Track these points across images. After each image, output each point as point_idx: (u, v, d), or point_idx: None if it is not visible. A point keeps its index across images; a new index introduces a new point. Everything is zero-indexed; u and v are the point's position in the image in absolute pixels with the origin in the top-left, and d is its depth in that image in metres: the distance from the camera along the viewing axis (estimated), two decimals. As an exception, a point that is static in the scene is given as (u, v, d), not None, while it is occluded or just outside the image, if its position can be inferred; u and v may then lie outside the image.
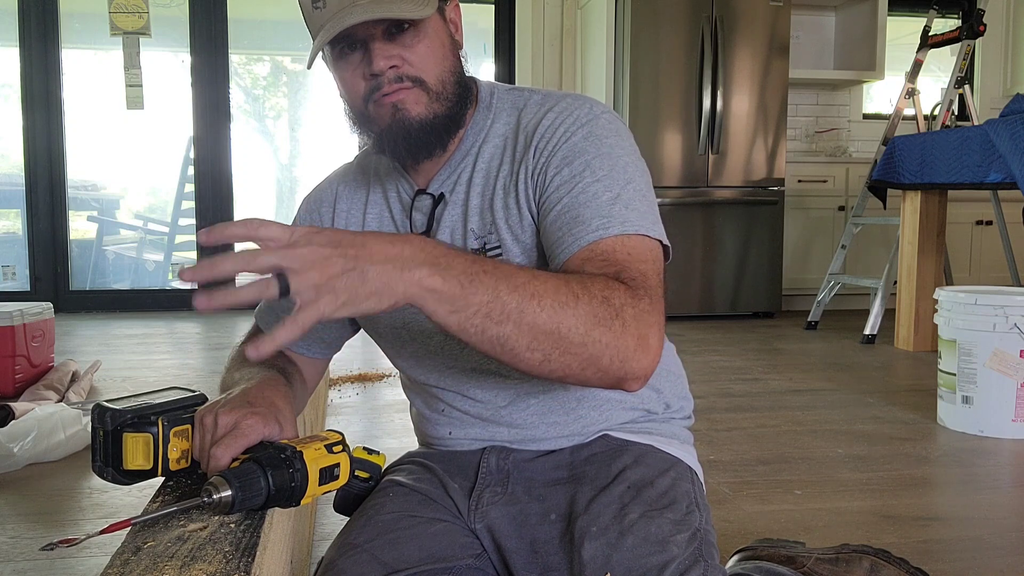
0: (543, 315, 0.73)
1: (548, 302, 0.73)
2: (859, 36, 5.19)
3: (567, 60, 5.08)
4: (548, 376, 0.77)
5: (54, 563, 1.38)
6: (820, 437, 2.21)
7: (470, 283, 0.71)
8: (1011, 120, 2.95)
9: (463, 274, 0.71)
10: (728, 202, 4.51)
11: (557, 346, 0.74)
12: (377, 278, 0.67)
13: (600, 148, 0.91)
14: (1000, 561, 1.43)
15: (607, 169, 0.89)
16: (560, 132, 0.92)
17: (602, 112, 0.95)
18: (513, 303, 0.72)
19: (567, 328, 0.74)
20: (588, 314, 0.74)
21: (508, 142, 0.98)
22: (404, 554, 0.90)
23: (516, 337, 0.73)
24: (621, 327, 0.76)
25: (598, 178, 0.88)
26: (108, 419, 0.80)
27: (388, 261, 0.68)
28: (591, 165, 0.89)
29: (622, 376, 0.78)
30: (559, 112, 0.94)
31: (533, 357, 0.74)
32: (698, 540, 0.88)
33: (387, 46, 0.89)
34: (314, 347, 1.12)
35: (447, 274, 0.70)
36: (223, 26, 4.89)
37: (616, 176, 0.89)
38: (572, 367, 0.76)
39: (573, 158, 0.90)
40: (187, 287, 5.12)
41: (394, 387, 2.78)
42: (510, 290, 0.72)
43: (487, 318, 0.71)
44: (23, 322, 2.65)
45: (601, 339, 0.75)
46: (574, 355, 0.75)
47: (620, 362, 0.76)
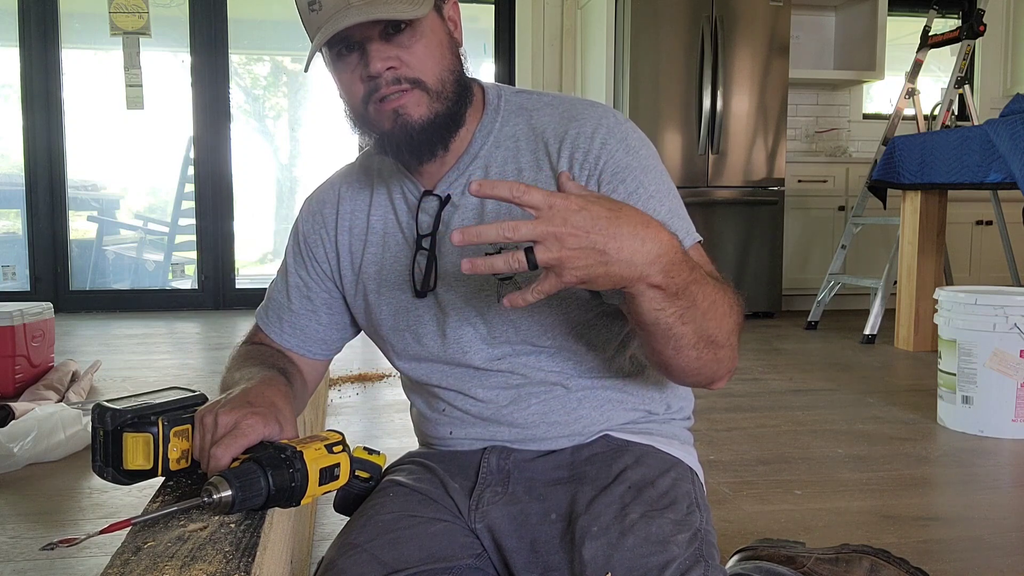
0: (713, 322, 0.82)
1: (719, 311, 0.82)
2: (859, 36, 5.19)
3: (567, 60, 5.08)
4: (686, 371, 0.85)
5: (54, 563, 1.38)
6: (820, 437, 2.21)
7: (685, 290, 0.78)
8: (1011, 120, 2.94)
9: (682, 282, 0.77)
10: (728, 202, 4.51)
11: (710, 346, 0.83)
12: (619, 272, 0.73)
13: (642, 162, 0.95)
14: (1000, 561, 1.43)
15: (655, 183, 0.95)
16: (597, 144, 0.94)
17: (624, 120, 0.99)
18: (700, 310, 0.80)
19: (720, 333, 0.83)
20: (734, 323, 0.85)
21: (522, 145, 0.97)
22: (404, 554, 0.90)
23: (688, 337, 0.81)
24: (738, 333, 0.86)
25: (651, 194, 0.94)
26: (108, 419, 0.80)
27: (634, 257, 0.73)
28: (643, 183, 0.94)
29: (724, 374, 0.88)
30: (585, 122, 0.95)
31: (690, 354, 0.83)
32: (699, 540, 0.88)
33: (384, 47, 0.89)
34: (315, 348, 1.12)
35: (672, 281, 0.76)
36: (223, 26, 4.89)
37: (664, 190, 0.95)
38: (708, 366, 0.85)
39: (624, 176, 0.94)
40: (187, 287, 5.12)
41: (394, 387, 2.78)
42: (703, 298, 0.80)
43: (679, 319, 0.79)
44: (23, 322, 2.65)
45: (733, 344, 0.86)
46: (714, 352, 0.84)
47: (731, 361, 0.87)
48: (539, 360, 0.98)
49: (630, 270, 0.73)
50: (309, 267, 1.10)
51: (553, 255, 0.70)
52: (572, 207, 0.71)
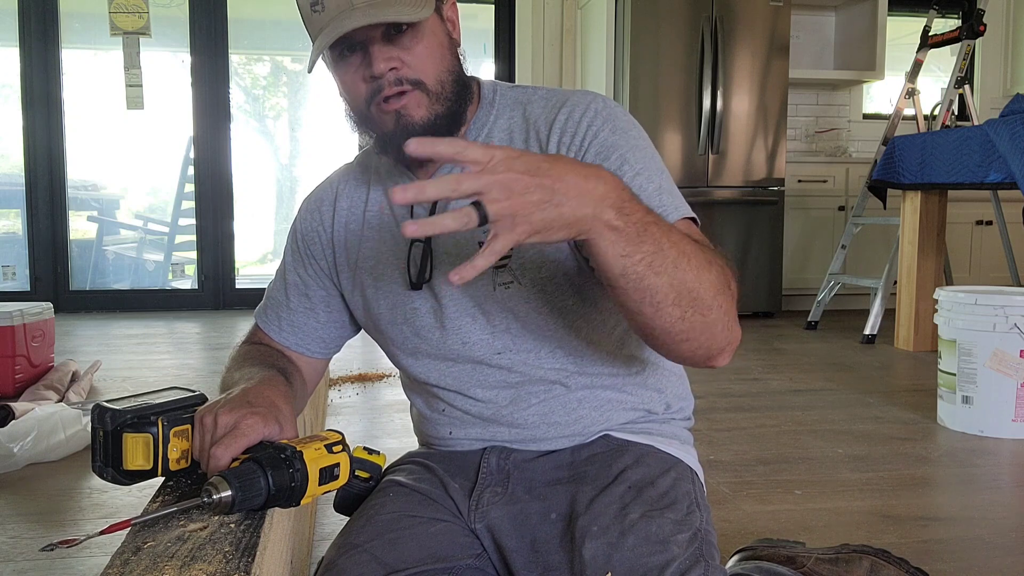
0: (690, 274, 0.77)
1: (694, 262, 0.77)
2: (859, 36, 5.19)
3: (567, 60, 5.08)
4: (674, 339, 0.81)
5: (54, 563, 1.38)
6: (820, 437, 2.21)
7: (644, 231, 0.74)
8: (1011, 120, 2.94)
9: (640, 222, 0.74)
10: (728, 202, 4.51)
11: (693, 305, 0.78)
12: (571, 212, 0.70)
13: (629, 140, 0.94)
14: (1000, 561, 1.43)
15: (642, 161, 0.93)
16: (583, 126, 0.94)
17: (614, 104, 0.98)
18: (671, 257, 0.76)
19: (703, 290, 0.78)
20: (717, 280, 0.80)
21: (515, 136, 0.98)
22: (404, 554, 0.90)
23: (665, 290, 0.76)
24: (731, 297, 0.81)
25: (637, 171, 0.91)
26: (108, 419, 0.80)
27: (583, 196, 0.70)
28: (627, 160, 0.92)
29: (724, 347, 0.84)
30: (574, 106, 0.96)
31: (673, 312, 0.78)
32: (699, 540, 0.88)
33: (386, 48, 0.89)
34: (314, 347, 1.12)
35: (628, 219, 0.73)
36: (223, 26, 4.89)
37: (652, 167, 0.93)
38: (696, 328, 0.80)
39: (608, 153, 0.92)
40: (187, 287, 5.12)
41: (394, 387, 2.78)
42: (670, 244, 0.76)
43: (648, 267, 0.75)
44: (23, 322, 2.65)
45: (723, 305, 0.80)
46: (702, 316, 0.79)
47: (727, 331, 0.82)
48: (539, 357, 0.98)
49: (581, 208, 0.70)
50: (307, 265, 1.10)
51: (502, 203, 0.68)
52: (512, 155, 0.69)
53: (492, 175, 0.68)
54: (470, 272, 0.68)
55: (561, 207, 0.69)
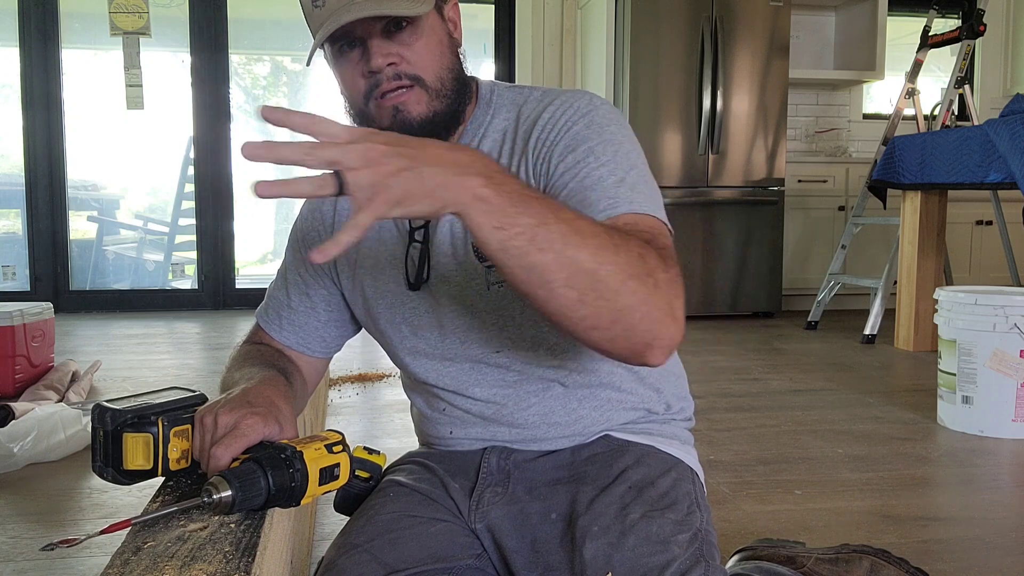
0: (585, 252, 0.71)
1: (592, 241, 0.72)
2: (859, 36, 5.19)
3: (567, 60, 5.08)
4: (578, 324, 0.75)
5: (54, 563, 1.38)
6: (820, 437, 2.21)
7: (521, 202, 0.70)
8: (1011, 120, 2.94)
9: (514, 192, 0.70)
10: (728, 202, 4.51)
11: (593, 288, 0.72)
12: (432, 178, 0.67)
13: (602, 135, 0.91)
14: (1000, 561, 1.43)
15: (610, 155, 0.90)
16: (561, 123, 0.93)
17: (601, 103, 0.96)
18: (558, 232, 0.71)
19: (605, 272, 0.72)
20: (627, 264, 0.73)
21: (507, 136, 0.98)
22: (404, 554, 0.90)
23: (555, 269, 0.71)
24: (654, 286, 0.75)
25: (602, 163, 0.89)
26: (108, 419, 0.79)
27: (445, 164, 0.68)
28: (594, 151, 0.90)
29: (650, 341, 0.76)
30: (559, 105, 0.95)
31: (568, 295, 0.72)
32: (699, 540, 0.88)
33: (385, 43, 0.89)
34: (315, 346, 1.12)
35: (499, 188, 0.69)
36: (223, 26, 4.89)
37: (619, 161, 0.89)
38: (603, 317, 0.74)
39: (576, 145, 0.91)
40: (187, 287, 5.12)
41: (394, 387, 2.78)
42: (557, 220, 0.71)
43: (531, 242, 0.70)
44: (23, 322, 2.65)
45: (636, 292, 0.74)
46: (608, 302, 0.73)
47: (650, 323, 0.75)
48: (536, 355, 0.98)
49: (443, 175, 0.67)
50: (307, 265, 1.10)
51: (360, 171, 0.65)
52: (371, 132, 0.68)
53: (352, 144, 0.66)
54: (333, 249, 0.66)
55: (422, 175, 0.67)
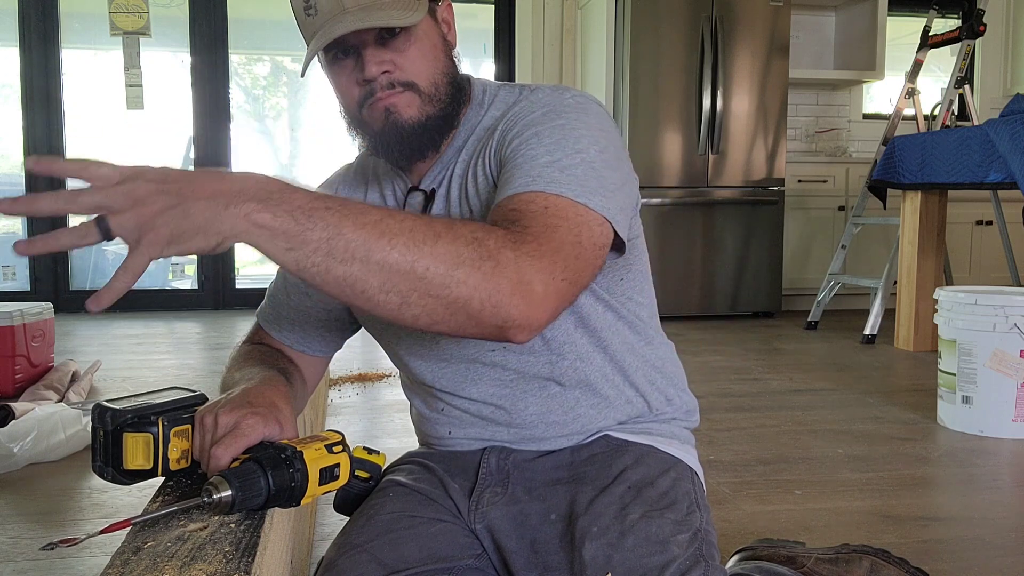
0: (394, 253, 0.68)
1: (401, 240, 0.69)
2: (859, 36, 5.19)
3: (567, 60, 5.08)
4: (416, 323, 0.72)
5: (54, 563, 1.38)
6: (820, 437, 2.21)
7: (307, 219, 0.67)
8: (1011, 120, 2.94)
9: (298, 209, 0.67)
10: (728, 202, 4.51)
11: (415, 288, 0.69)
12: (200, 214, 0.64)
13: (555, 120, 0.88)
14: (1000, 561, 1.43)
15: (556, 137, 0.86)
16: (525, 112, 0.92)
17: (573, 94, 0.93)
18: (358, 240, 0.68)
19: (423, 267, 0.69)
20: (449, 253, 0.70)
21: (492, 135, 0.97)
22: (404, 554, 0.90)
23: (365, 277, 0.68)
24: (492, 268, 0.71)
25: (543, 143, 0.86)
26: (108, 419, 0.80)
27: (213, 197, 0.65)
28: (540, 134, 0.87)
29: (499, 324, 0.72)
30: (532, 100, 0.94)
31: (389, 300, 0.70)
32: (699, 540, 0.88)
33: (379, 52, 0.89)
34: (314, 345, 1.12)
35: (278, 209, 0.66)
36: (223, 26, 4.89)
37: (564, 145, 0.85)
38: (438, 311, 0.71)
39: (526, 130, 0.89)
40: (187, 287, 5.12)
41: (394, 387, 2.78)
42: (356, 227, 0.68)
43: (329, 256, 0.67)
44: (23, 322, 2.65)
45: (467, 280, 0.70)
46: (436, 298, 0.70)
47: (493, 307, 0.71)
48: (530, 353, 0.98)
49: (213, 208, 0.64)
50: None
51: (125, 215, 0.63)
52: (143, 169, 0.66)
53: (118, 185, 0.64)
54: (107, 298, 0.64)
55: (188, 212, 0.64)
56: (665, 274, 4.38)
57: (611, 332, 1.00)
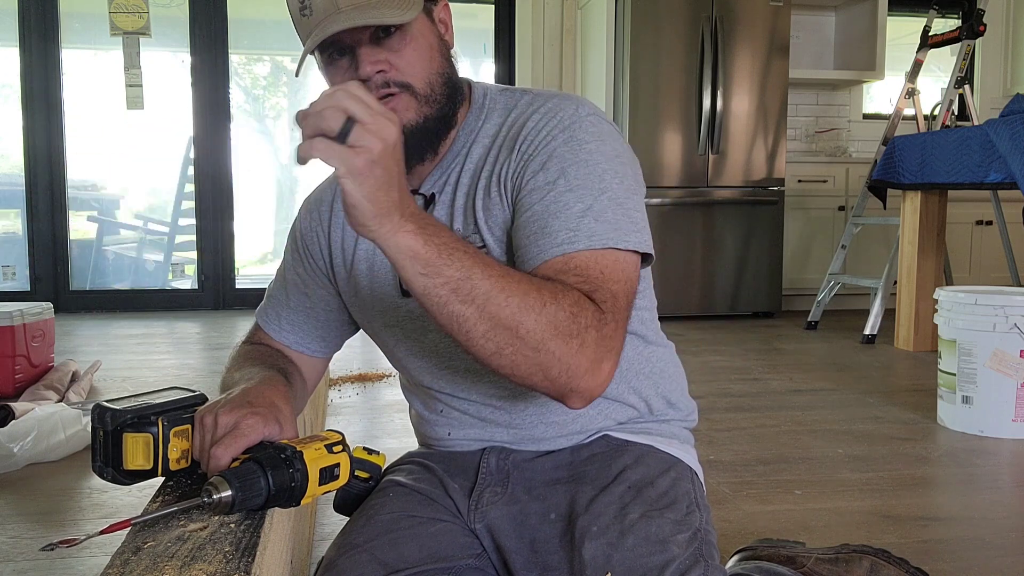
0: (507, 310, 0.74)
1: (516, 300, 0.75)
2: (859, 36, 5.19)
3: (567, 60, 5.08)
4: (497, 369, 0.78)
5: (54, 563, 1.38)
6: (820, 437, 2.21)
7: (449, 255, 0.73)
8: (1011, 120, 2.95)
9: (444, 245, 0.73)
10: (728, 202, 4.51)
11: (511, 343, 0.76)
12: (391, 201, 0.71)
13: (578, 154, 0.89)
14: (1000, 561, 1.43)
15: (582, 178, 0.87)
16: (542, 135, 0.91)
17: (588, 114, 0.93)
18: (482, 288, 0.74)
19: (526, 330, 0.75)
20: (551, 323, 0.76)
21: (495, 141, 0.97)
22: (404, 554, 0.90)
23: (475, 321, 0.74)
24: (579, 346, 0.77)
25: (571, 187, 0.87)
26: (108, 419, 0.80)
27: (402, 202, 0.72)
28: (566, 173, 0.88)
29: (566, 392, 0.79)
30: (544, 114, 0.93)
31: (486, 346, 0.76)
32: (699, 540, 0.88)
33: (374, 51, 0.89)
34: (313, 346, 1.12)
35: (429, 239, 0.73)
36: (223, 26, 4.89)
37: (590, 186, 0.87)
38: (521, 368, 0.77)
39: (550, 163, 0.89)
40: (187, 287, 5.12)
41: (394, 387, 2.78)
42: (484, 276, 0.74)
43: (453, 293, 0.73)
44: (23, 322, 2.65)
45: (556, 351, 0.76)
46: (525, 357, 0.76)
47: (567, 378, 0.78)
48: None
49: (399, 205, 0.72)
50: (306, 264, 1.10)
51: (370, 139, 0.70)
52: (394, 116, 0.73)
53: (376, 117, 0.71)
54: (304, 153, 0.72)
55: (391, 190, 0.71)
56: (665, 274, 4.38)
57: None
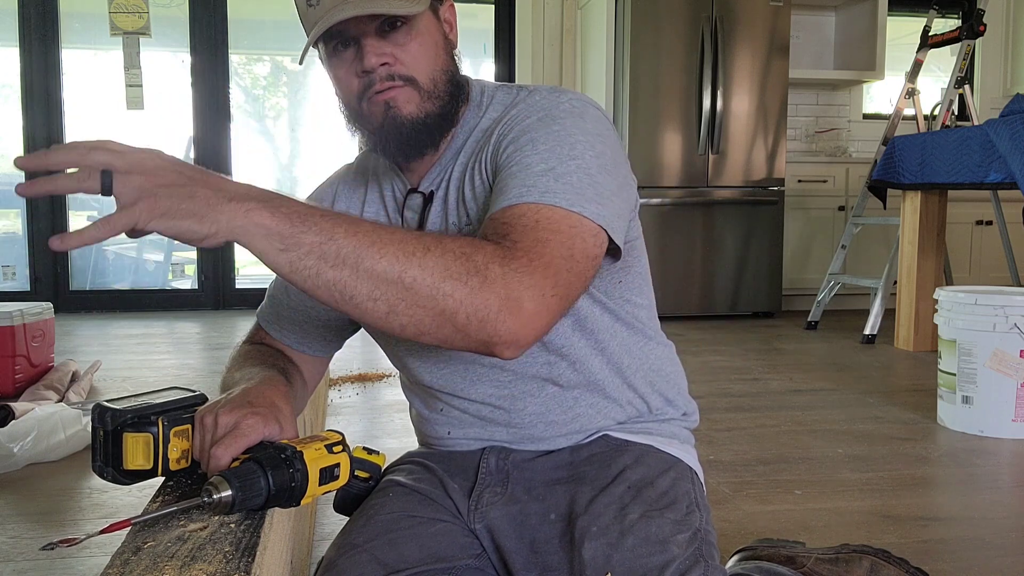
0: (383, 262, 0.71)
1: (391, 250, 0.71)
2: (859, 36, 5.19)
3: (567, 60, 5.08)
4: (404, 332, 0.74)
5: (54, 563, 1.38)
6: (820, 437, 2.21)
7: (302, 222, 0.70)
8: (1011, 120, 2.94)
9: (295, 213, 0.70)
10: (728, 202, 4.51)
11: (402, 297, 0.71)
12: (203, 199, 0.67)
13: (551, 127, 0.87)
14: (1000, 561, 1.43)
15: (551, 144, 0.85)
16: (521, 116, 0.91)
17: (569, 98, 0.92)
18: (349, 247, 0.70)
19: (411, 278, 0.71)
20: (438, 266, 0.72)
21: (488, 137, 0.97)
22: (404, 554, 0.90)
23: (355, 284, 0.71)
24: (480, 283, 0.72)
25: (537, 151, 0.85)
26: (108, 419, 0.80)
27: (220, 189, 0.69)
28: (535, 140, 0.86)
29: (486, 339, 0.74)
30: (529, 103, 0.93)
31: (377, 308, 0.72)
32: (698, 540, 0.88)
33: (379, 43, 0.89)
34: (314, 346, 1.12)
35: (276, 211, 0.69)
36: (223, 26, 4.89)
37: (559, 152, 0.85)
38: (424, 322, 0.73)
39: (521, 135, 0.88)
40: (187, 287, 5.12)
41: (394, 387, 2.78)
42: (348, 235, 0.71)
43: (321, 260, 0.70)
44: (23, 322, 2.65)
45: (453, 293, 0.71)
46: (422, 308, 0.72)
47: (480, 322, 0.73)
48: (528, 354, 0.98)
49: (217, 198, 0.67)
50: None
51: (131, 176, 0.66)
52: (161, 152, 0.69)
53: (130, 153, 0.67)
54: (74, 241, 0.65)
55: (194, 194, 0.67)
56: (665, 274, 4.38)
57: (609, 334, 1.00)
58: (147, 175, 0.66)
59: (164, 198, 0.66)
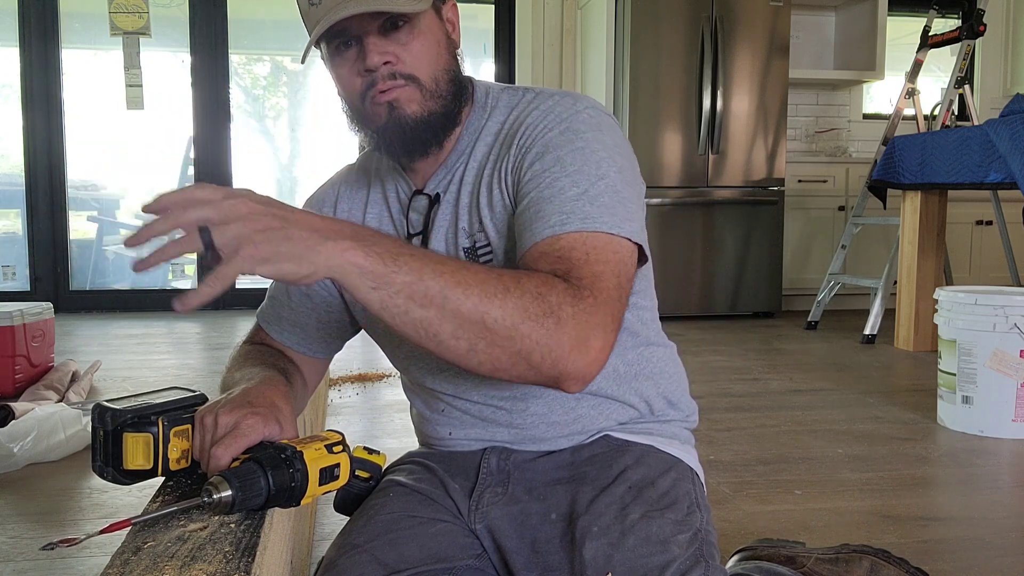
0: (468, 303, 0.73)
1: (475, 291, 0.73)
2: (859, 36, 5.19)
3: (567, 60, 5.08)
4: (480, 369, 0.77)
5: (54, 563, 1.38)
6: (820, 437, 2.21)
7: (393, 261, 0.72)
8: (1011, 120, 2.95)
9: (387, 253, 0.72)
10: (728, 202, 4.51)
11: (483, 337, 0.74)
12: (301, 241, 0.69)
13: (575, 143, 0.89)
14: (1000, 561, 1.43)
15: (579, 164, 0.87)
16: (540, 128, 0.92)
17: (586, 107, 0.93)
18: (436, 287, 0.72)
19: (492, 319, 0.73)
20: (517, 308, 0.74)
21: (499, 140, 0.97)
22: (404, 554, 0.90)
23: (440, 323, 0.73)
24: (554, 325, 0.75)
25: (567, 173, 0.87)
26: (108, 419, 0.79)
27: (315, 229, 0.70)
28: (562, 160, 0.88)
29: (556, 375, 0.77)
30: (544, 110, 0.94)
31: (458, 345, 0.74)
32: (699, 540, 0.88)
33: (382, 42, 0.89)
34: (314, 346, 1.12)
35: (371, 250, 0.71)
36: (223, 26, 4.89)
37: (587, 171, 0.87)
38: (501, 360, 0.75)
39: (546, 152, 0.89)
40: (187, 287, 5.12)
41: (394, 387, 2.78)
42: (435, 275, 0.73)
43: (410, 300, 0.72)
44: (23, 322, 2.65)
45: (531, 334, 0.74)
46: (501, 348, 0.74)
47: (552, 361, 0.76)
48: None
49: (313, 239, 0.69)
50: None
51: (228, 226, 0.67)
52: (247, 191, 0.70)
53: (221, 201, 0.68)
54: (195, 300, 0.67)
55: (291, 236, 0.68)
56: (665, 274, 4.38)
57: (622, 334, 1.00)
58: (243, 221, 0.68)
59: (263, 244, 0.67)
